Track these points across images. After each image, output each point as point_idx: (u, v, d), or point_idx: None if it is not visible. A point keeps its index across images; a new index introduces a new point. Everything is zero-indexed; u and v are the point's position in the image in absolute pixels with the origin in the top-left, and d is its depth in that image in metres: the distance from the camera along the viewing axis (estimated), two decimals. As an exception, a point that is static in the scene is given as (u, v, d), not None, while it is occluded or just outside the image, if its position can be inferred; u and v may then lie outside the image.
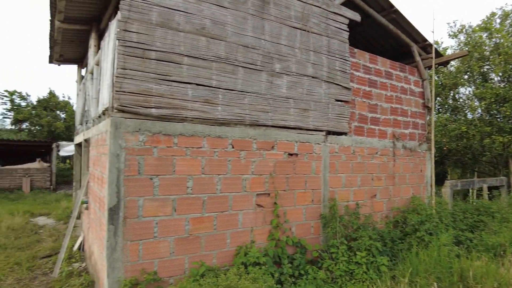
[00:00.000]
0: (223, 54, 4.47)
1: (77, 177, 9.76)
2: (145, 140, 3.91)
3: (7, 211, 10.18)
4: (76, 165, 9.86)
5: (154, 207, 3.96)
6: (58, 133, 23.91)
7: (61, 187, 18.05)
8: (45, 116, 24.23)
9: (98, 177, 4.59)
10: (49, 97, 26.47)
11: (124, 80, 3.74)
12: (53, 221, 9.53)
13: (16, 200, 13.07)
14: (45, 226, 8.87)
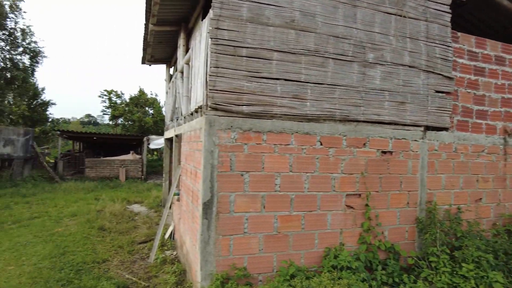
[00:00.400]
0: (313, 46, 4.29)
1: (166, 169, 10.51)
2: (236, 137, 3.95)
3: (109, 198, 11.45)
4: (165, 158, 10.62)
5: (244, 203, 4.00)
6: (147, 128, 26.23)
7: (150, 177, 19.77)
8: (136, 112, 26.74)
9: (191, 172, 4.81)
10: (139, 95, 29.17)
11: (217, 78, 3.81)
12: (146, 209, 10.41)
13: (114, 188, 14.64)
14: (139, 213, 9.74)
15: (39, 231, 7.25)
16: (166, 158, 10.54)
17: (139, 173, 18.01)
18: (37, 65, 19.39)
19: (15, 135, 15.23)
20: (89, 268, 5.17)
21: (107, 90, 28.70)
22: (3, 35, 17.13)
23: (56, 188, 13.74)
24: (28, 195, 12.04)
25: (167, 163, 10.51)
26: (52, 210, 9.67)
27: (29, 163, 16.14)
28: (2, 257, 5.61)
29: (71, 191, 13.02)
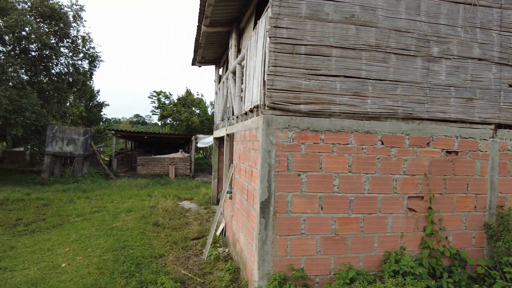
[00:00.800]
0: (373, 41, 4.10)
1: (215, 168, 10.71)
2: (293, 136, 3.88)
3: (161, 194, 11.92)
4: (214, 157, 10.83)
5: (301, 203, 3.92)
6: (194, 127, 26.98)
7: (197, 174, 20.33)
8: (184, 112, 27.61)
9: (246, 171, 4.82)
10: (186, 95, 30.09)
11: (275, 77, 3.76)
12: (195, 206, 10.69)
13: (165, 185, 15.23)
14: (189, 209, 10.01)
15: (100, 225, 7.70)
16: (215, 156, 10.74)
17: (187, 171, 18.58)
18: (95, 69, 20.72)
19: (76, 135, 16.37)
20: (147, 263, 5.38)
21: (156, 91, 29.96)
22: (67, 43, 18.50)
23: (111, 184, 14.58)
24: (88, 191, 12.90)
25: (216, 161, 10.70)
26: (109, 205, 10.26)
27: (88, 160, 17.27)
28: (71, 247, 6.03)
29: (125, 188, 13.74)
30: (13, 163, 21.72)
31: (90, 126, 28.06)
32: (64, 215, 8.86)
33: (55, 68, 18.76)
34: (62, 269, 5.04)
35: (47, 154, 15.80)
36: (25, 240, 6.56)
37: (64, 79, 19.10)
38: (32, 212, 9.04)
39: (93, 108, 30.44)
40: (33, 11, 16.51)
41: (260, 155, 3.84)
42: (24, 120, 15.08)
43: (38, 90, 17.91)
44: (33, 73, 17.89)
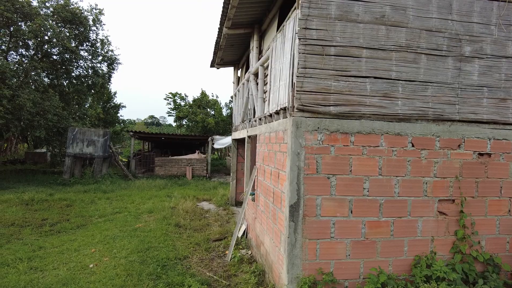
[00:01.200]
0: (404, 42, 4.01)
1: (233, 169, 10.72)
2: (323, 138, 3.83)
3: (180, 195, 12.01)
4: (232, 158, 10.84)
5: (331, 207, 3.87)
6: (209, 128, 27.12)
7: (213, 175, 20.41)
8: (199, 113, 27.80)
9: (272, 173, 4.79)
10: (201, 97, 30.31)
11: (305, 79, 3.72)
12: (214, 207, 10.71)
13: (183, 186, 15.34)
14: (209, 210, 10.04)
15: (122, 226, 7.79)
16: (234, 158, 10.75)
17: (204, 172, 18.67)
18: (113, 71, 21.06)
19: (96, 136, 16.66)
20: (173, 264, 5.41)
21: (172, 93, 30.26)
22: (86, 46, 18.87)
23: (130, 185, 14.77)
24: (108, 191, 13.10)
25: (234, 163, 10.72)
26: (130, 206, 10.38)
27: (107, 161, 17.54)
28: (97, 248, 6.12)
29: (145, 188, 13.89)
30: (35, 164, 22.26)
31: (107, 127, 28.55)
32: (86, 215, 9.02)
33: (75, 71, 19.16)
34: (90, 269, 5.11)
35: (68, 155, 16.13)
36: (52, 240, 6.69)
37: (84, 82, 19.49)
38: (56, 213, 9.23)
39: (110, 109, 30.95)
40: (55, 16, 16.90)
41: (289, 158, 3.81)
42: (47, 122, 15.43)
43: (59, 92, 18.32)
44: (54, 76, 18.31)
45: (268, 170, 5.04)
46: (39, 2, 17.00)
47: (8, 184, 13.91)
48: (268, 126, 5.11)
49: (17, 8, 14.99)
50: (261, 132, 5.64)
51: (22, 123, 14.46)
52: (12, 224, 7.89)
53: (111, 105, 31.45)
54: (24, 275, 4.92)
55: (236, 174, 10.60)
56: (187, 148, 26.73)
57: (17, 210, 9.32)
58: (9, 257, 5.67)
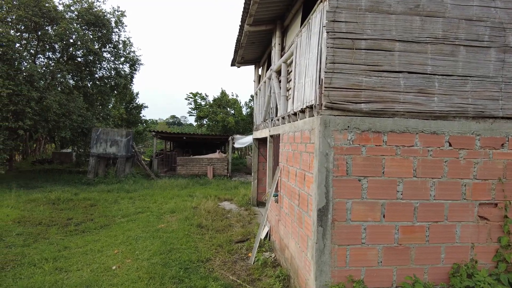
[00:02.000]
0: (440, 33, 3.71)
1: (255, 169, 10.56)
2: (353, 138, 3.59)
3: (202, 195, 11.97)
4: (254, 158, 10.68)
5: (362, 211, 3.63)
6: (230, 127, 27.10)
7: (234, 174, 20.35)
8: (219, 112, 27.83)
9: (297, 174, 4.59)
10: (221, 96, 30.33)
11: (333, 75, 3.49)
12: (236, 207, 10.58)
13: (204, 185, 15.33)
14: (230, 211, 9.91)
15: (145, 226, 7.77)
16: (255, 157, 10.59)
17: (225, 171, 18.63)
18: (135, 72, 21.36)
19: (119, 136, 16.89)
20: (195, 267, 5.29)
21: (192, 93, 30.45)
22: (109, 48, 19.20)
23: (153, 184, 14.88)
24: (131, 191, 13.21)
25: (256, 162, 10.55)
26: (152, 206, 10.40)
27: (130, 161, 17.77)
28: (120, 249, 6.09)
29: (167, 188, 13.94)
30: (62, 163, 22.90)
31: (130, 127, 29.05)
32: (110, 215, 9.08)
33: (98, 73, 19.54)
34: (113, 271, 5.07)
35: (92, 155, 16.45)
36: (77, 240, 6.74)
37: (107, 83, 19.85)
38: (81, 212, 9.35)
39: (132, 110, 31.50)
40: (79, 19, 17.26)
41: (316, 159, 3.59)
42: (72, 123, 15.79)
43: (83, 94, 18.73)
44: (79, 78, 18.73)
45: (293, 171, 4.84)
46: (64, 6, 17.42)
47: (36, 183, 14.30)
48: (292, 125, 4.91)
49: (44, 13, 15.39)
50: (285, 132, 5.44)
51: (49, 124, 14.83)
52: (39, 223, 8.03)
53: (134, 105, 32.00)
54: (49, 276, 4.93)
55: (257, 174, 10.43)
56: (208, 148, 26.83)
57: (44, 209, 9.51)
58: (36, 257, 5.72)
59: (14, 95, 13.24)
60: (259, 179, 10.48)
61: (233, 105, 30.09)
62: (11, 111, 13.35)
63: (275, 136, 6.77)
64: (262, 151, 10.30)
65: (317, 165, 3.58)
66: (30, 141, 24.97)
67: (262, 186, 10.34)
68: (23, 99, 13.48)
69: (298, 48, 4.69)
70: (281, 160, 5.75)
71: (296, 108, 4.65)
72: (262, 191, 10.33)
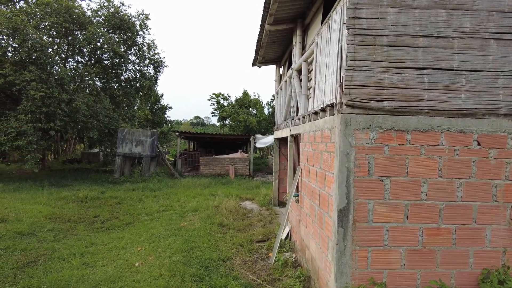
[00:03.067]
0: (468, 26, 3.54)
1: (276, 168, 10.50)
2: (375, 137, 3.49)
3: (224, 194, 12.04)
4: (275, 158, 10.63)
5: (384, 212, 3.52)
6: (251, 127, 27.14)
7: (256, 174, 20.36)
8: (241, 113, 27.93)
9: (317, 174, 4.52)
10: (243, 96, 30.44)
11: (354, 72, 3.41)
12: (257, 206, 10.57)
13: (226, 185, 15.42)
14: (251, 210, 9.91)
15: (168, 224, 7.90)
16: (276, 157, 10.54)
17: (247, 171, 18.67)
18: (160, 74, 21.77)
19: (144, 136, 17.29)
20: (216, 266, 5.32)
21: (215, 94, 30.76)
22: (134, 51, 19.70)
23: (176, 183, 15.11)
24: (155, 190, 13.47)
25: (277, 162, 10.50)
26: (176, 204, 10.55)
27: (154, 161, 18.16)
28: (143, 246, 6.22)
29: (190, 187, 14.13)
30: (90, 163, 23.71)
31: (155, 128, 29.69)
32: (134, 213, 9.28)
33: (124, 75, 20.06)
34: (136, 268, 5.17)
35: (118, 155, 16.91)
36: (103, 237, 6.93)
37: (132, 85, 20.35)
38: (107, 210, 9.61)
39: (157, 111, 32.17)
40: (106, 24, 17.80)
41: (337, 158, 3.51)
42: (99, 124, 16.30)
43: (109, 95, 19.29)
44: (105, 80, 19.32)
45: (313, 171, 4.76)
46: (92, 12, 18.01)
47: (66, 182, 14.86)
48: (312, 124, 4.84)
49: (74, 19, 15.98)
50: (305, 131, 5.38)
51: (78, 125, 15.38)
52: (68, 220, 8.33)
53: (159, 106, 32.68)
54: (76, 270, 5.09)
55: (278, 173, 10.38)
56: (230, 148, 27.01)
57: (73, 206, 9.86)
58: (65, 252, 5.93)
59: (46, 97, 13.82)
60: (280, 179, 10.43)
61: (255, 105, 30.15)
62: (44, 113, 13.93)
63: (295, 135, 6.71)
64: (283, 150, 10.24)
65: (337, 165, 3.50)
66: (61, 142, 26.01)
67: (283, 186, 10.28)
68: (54, 101, 14.04)
69: (319, 46, 4.61)
70: (302, 160, 5.68)
71: (316, 107, 4.58)
72: (283, 191, 10.27)
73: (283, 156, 10.30)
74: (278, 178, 10.44)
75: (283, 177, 10.29)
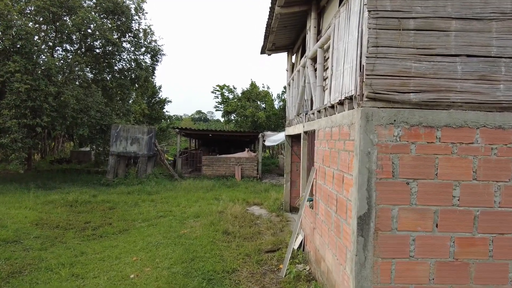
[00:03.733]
0: (509, 6, 3.49)
1: (287, 170, 10.52)
2: (400, 134, 3.47)
3: (229, 198, 12.10)
4: (286, 157, 10.64)
5: (411, 219, 3.50)
6: (260, 123, 27.15)
7: (265, 176, 20.38)
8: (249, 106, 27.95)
9: (334, 176, 4.51)
10: (251, 88, 30.45)
11: (377, 60, 3.39)
12: (266, 212, 10.60)
13: (231, 187, 15.49)
14: (260, 216, 9.94)
15: (166, 232, 7.97)
16: (287, 157, 10.55)
17: (254, 172, 18.71)
18: (157, 63, 21.93)
19: (140, 134, 17.45)
20: (220, 278, 5.35)
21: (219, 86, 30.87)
22: (129, 37, 19.86)
23: (176, 186, 15.23)
24: (153, 193, 13.60)
25: (289, 162, 10.50)
26: (175, 209, 10.64)
27: (152, 161, 18.32)
28: (139, 256, 6.29)
29: (191, 190, 14.23)
30: (80, 163, 23.99)
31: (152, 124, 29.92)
32: (129, 219, 9.39)
33: (117, 65, 20.23)
34: (131, 280, 5.23)
35: (111, 154, 17.08)
36: (94, 246, 7.03)
37: (127, 75, 20.52)
38: (99, 216, 9.74)
39: (155, 105, 32.42)
40: (97, 7, 17.98)
41: (357, 158, 3.50)
42: (90, 120, 16.48)
43: (102, 88, 19.46)
44: (97, 70, 19.49)
45: (330, 173, 4.76)
46: (82, -6, 18.20)
47: (54, 184, 15.09)
48: (329, 120, 4.82)
49: (62, 2, 16.15)
50: (321, 127, 5.37)
51: (67, 121, 15.57)
52: (56, 227, 8.46)
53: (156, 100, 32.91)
54: (65, 282, 5.18)
55: (290, 175, 10.39)
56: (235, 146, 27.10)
57: (62, 211, 10.01)
58: (53, 262, 6.03)
59: (32, 90, 14.01)
60: (292, 181, 10.43)
61: (263, 98, 30.16)
62: (29, 108, 14.13)
63: (309, 132, 6.70)
64: (296, 149, 10.23)
65: (357, 166, 3.49)
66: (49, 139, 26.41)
67: (296, 190, 10.28)
68: (41, 94, 14.23)
69: (336, 30, 4.59)
70: (317, 160, 5.68)
71: (333, 100, 4.57)
72: (295, 195, 10.27)
73: (296, 156, 10.29)
74: (290, 180, 10.45)
75: (295, 179, 10.29)
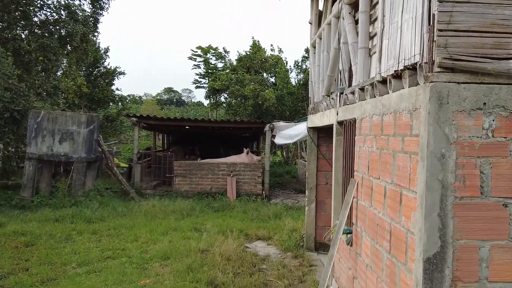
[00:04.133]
0: None
1: (311, 183, 10.58)
2: (494, 125, 3.49)
3: (217, 229, 12.15)
4: (309, 163, 10.67)
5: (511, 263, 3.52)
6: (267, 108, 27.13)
7: (274, 192, 20.47)
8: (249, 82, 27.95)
9: (386, 194, 4.57)
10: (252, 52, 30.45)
11: (455, 7, 3.42)
12: (277, 251, 10.68)
13: (221, 211, 15.61)
14: (267, 258, 10.02)
15: (117, 283, 8.03)
16: (311, 162, 10.60)
17: (258, 186, 18.77)
18: (102, 13, 21.97)
19: (75, 125, 17.43)
20: None
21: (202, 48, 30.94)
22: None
23: (133, 209, 15.34)
24: (95, 220, 13.70)
25: (313, 170, 10.55)
26: (131, 246, 10.74)
27: (94, 168, 18.37)
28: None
29: (156, 215, 14.34)
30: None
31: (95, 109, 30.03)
32: (58, 262, 9.44)
33: (38, 14, 20.25)
34: None
35: (28, 158, 17.06)
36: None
37: (53, 32, 20.53)
38: (9, 257, 9.77)
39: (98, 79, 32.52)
40: None
41: (423, 165, 3.54)
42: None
43: (13, 51, 19.45)
44: (5, 23, 19.47)
45: (379, 188, 4.81)
46: None
47: None
48: (378, 103, 4.87)
49: None
50: (365, 114, 5.42)
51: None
52: None
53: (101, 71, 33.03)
54: None
55: (316, 192, 10.47)
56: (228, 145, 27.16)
57: None
58: None
59: None
60: (319, 202, 10.50)
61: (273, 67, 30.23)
62: None
63: (347, 122, 6.74)
64: (325, 150, 10.27)
65: (424, 177, 3.52)
66: None
67: (325, 215, 10.33)
68: None
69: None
70: (359, 168, 5.74)
71: (385, 71, 4.62)
72: (324, 223, 10.33)
73: (325, 161, 10.32)
74: (315, 200, 10.51)
75: (324, 198, 10.35)
